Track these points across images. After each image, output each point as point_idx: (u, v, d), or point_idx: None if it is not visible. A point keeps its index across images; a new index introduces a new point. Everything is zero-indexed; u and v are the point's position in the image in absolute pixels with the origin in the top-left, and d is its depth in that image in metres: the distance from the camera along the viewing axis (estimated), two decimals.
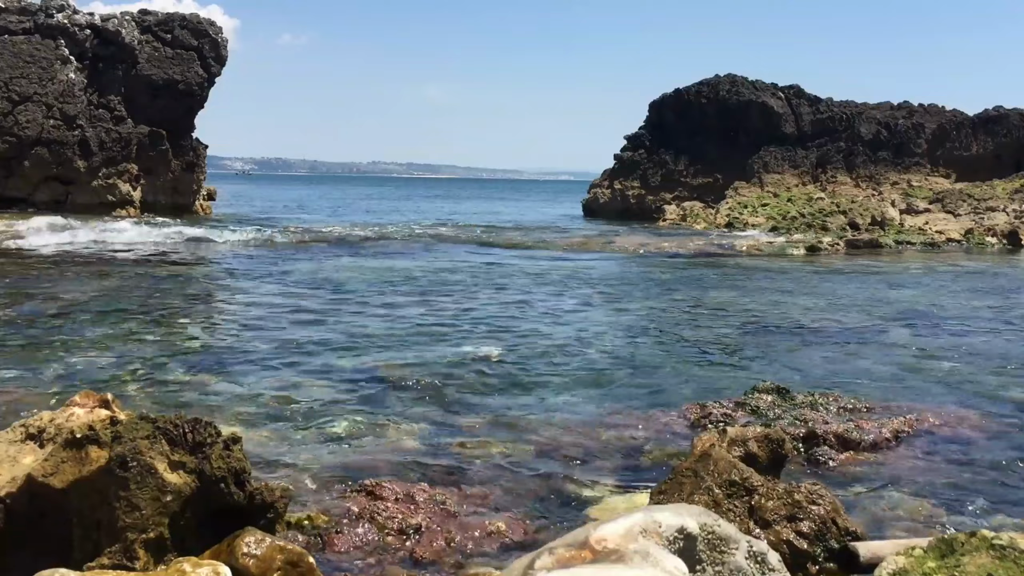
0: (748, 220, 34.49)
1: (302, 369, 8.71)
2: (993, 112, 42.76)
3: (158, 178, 33.38)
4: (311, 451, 6.14)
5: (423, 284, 16.13)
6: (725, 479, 4.27)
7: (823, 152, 41.79)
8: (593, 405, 7.56)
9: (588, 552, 2.97)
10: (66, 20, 31.30)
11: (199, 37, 34.49)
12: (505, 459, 6.09)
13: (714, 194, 40.54)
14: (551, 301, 14.15)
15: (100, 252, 20.50)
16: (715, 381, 8.53)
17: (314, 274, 17.39)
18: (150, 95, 32.86)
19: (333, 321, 11.70)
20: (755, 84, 43.20)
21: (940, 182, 40.38)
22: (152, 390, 7.73)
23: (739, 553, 3.29)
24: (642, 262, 21.66)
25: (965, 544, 3.33)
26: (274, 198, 66.79)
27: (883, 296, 15.45)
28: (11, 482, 3.73)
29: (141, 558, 3.45)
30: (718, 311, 13.36)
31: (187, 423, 3.76)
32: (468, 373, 8.65)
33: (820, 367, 9.32)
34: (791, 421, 6.90)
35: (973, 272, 20.36)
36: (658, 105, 44.36)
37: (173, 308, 12.69)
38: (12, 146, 29.32)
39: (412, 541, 4.67)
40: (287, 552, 3.49)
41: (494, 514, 5.07)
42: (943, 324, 12.41)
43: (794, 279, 18.08)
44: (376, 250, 23.55)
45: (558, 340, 10.62)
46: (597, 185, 45.33)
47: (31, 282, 14.80)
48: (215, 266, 18.93)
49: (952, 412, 7.48)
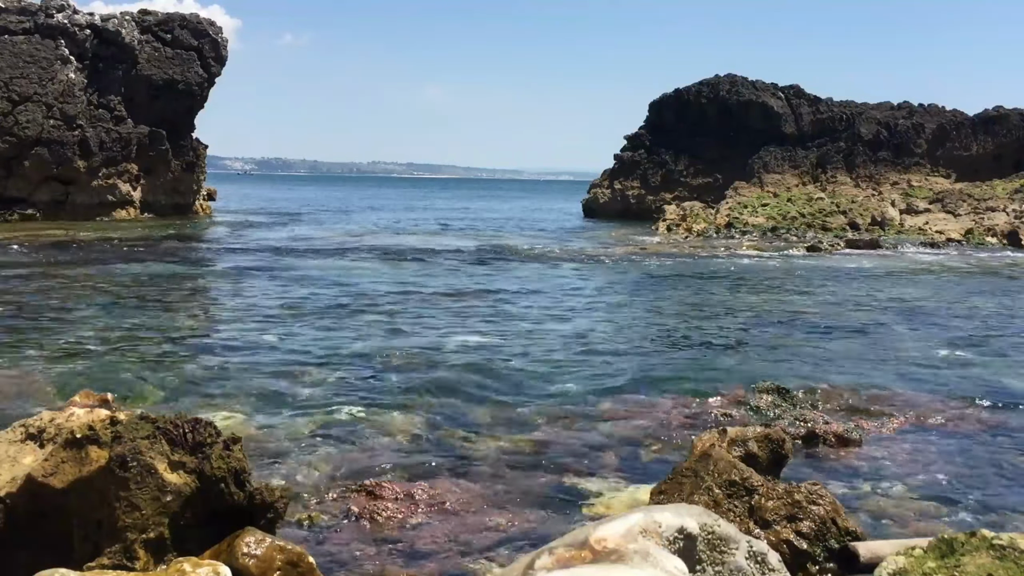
0: (748, 220, 34.47)
1: (303, 369, 8.70)
2: (993, 112, 42.74)
3: (158, 178, 33.37)
4: (312, 450, 6.13)
5: (423, 284, 16.14)
6: (725, 479, 4.27)
7: (823, 152, 41.78)
8: (593, 403, 7.56)
9: (588, 552, 2.97)
10: (66, 20, 31.29)
11: (199, 37, 34.49)
12: (505, 456, 6.09)
13: (714, 194, 40.53)
14: (551, 301, 14.15)
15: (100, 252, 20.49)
16: (715, 380, 8.52)
17: (319, 273, 17.39)
18: (150, 95, 32.86)
19: (333, 321, 11.70)
20: (755, 84, 43.19)
21: (940, 182, 40.36)
22: (152, 389, 7.72)
23: (739, 553, 3.29)
24: (642, 263, 21.66)
25: (965, 544, 3.32)
26: (286, 198, 66.81)
27: (883, 296, 15.44)
28: (11, 482, 3.73)
29: (141, 558, 3.44)
30: (718, 311, 13.36)
31: (187, 423, 3.76)
32: (469, 371, 8.65)
33: (820, 366, 9.32)
34: (791, 420, 6.90)
35: (973, 272, 20.36)
36: (658, 105, 44.36)
37: (173, 308, 12.68)
38: (12, 146, 29.30)
39: (411, 540, 4.67)
40: (287, 552, 3.49)
41: (494, 512, 5.07)
42: (943, 324, 12.41)
43: (794, 279, 18.08)
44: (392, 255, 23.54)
45: (558, 338, 10.62)
46: (597, 185, 45.33)
47: (31, 281, 14.80)
48: (216, 267, 18.92)
49: (952, 411, 7.48)
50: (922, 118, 42.83)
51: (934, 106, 44.01)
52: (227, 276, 16.97)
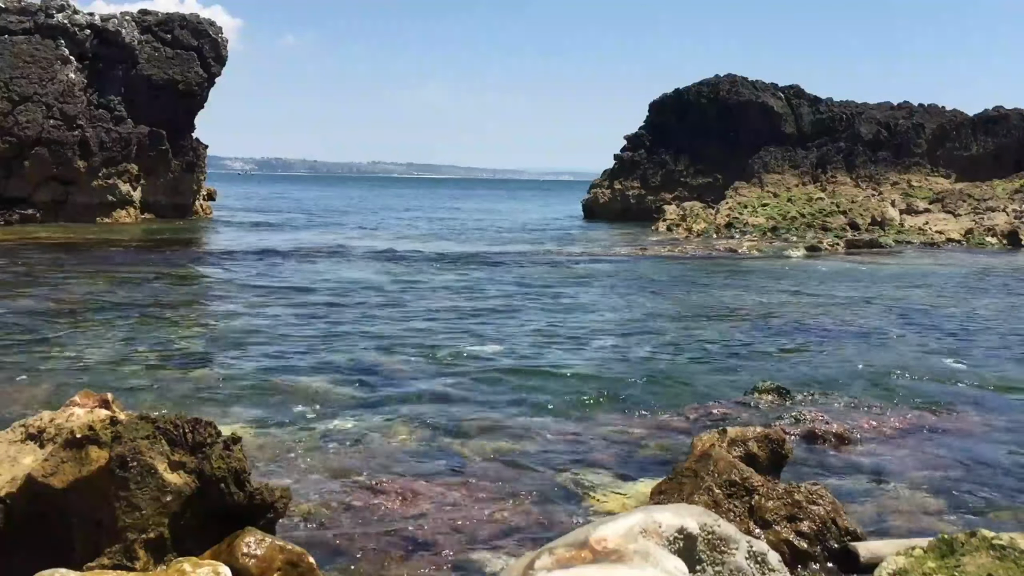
0: (748, 220, 34.44)
1: (303, 369, 8.71)
2: (993, 112, 42.73)
3: (158, 178, 33.34)
4: (312, 452, 6.13)
5: (423, 285, 16.14)
6: (725, 479, 4.27)
7: (823, 152, 41.77)
8: (593, 404, 7.55)
9: (588, 552, 2.97)
10: (66, 20, 31.26)
11: (199, 37, 34.47)
12: (505, 457, 6.09)
13: (714, 194, 40.51)
14: (551, 302, 14.15)
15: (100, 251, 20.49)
16: (715, 380, 8.53)
17: (315, 276, 17.40)
18: (150, 95, 32.83)
19: (333, 324, 11.70)
20: (755, 84, 43.18)
21: (940, 182, 40.35)
22: (152, 389, 7.72)
23: (739, 553, 3.29)
24: (642, 263, 21.66)
25: (965, 544, 3.33)
26: (286, 198, 66.78)
27: (883, 296, 15.44)
28: (11, 482, 3.73)
29: (141, 558, 3.44)
30: (718, 311, 13.36)
31: (187, 423, 3.76)
32: (468, 373, 8.65)
33: (820, 366, 9.32)
34: (791, 421, 6.91)
35: (973, 272, 20.36)
36: (658, 105, 44.34)
37: (173, 308, 12.69)
38: (12, 146, 29.27)
39: (412, 536, 4.67)
40: (287, 552, 3.49)
41: (494, 510, 5.07)
42: (943, 324, 12.41)
43: (794, 279, 18.08)
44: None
45: (557, 339, 10.62)
46: (597, 185, 45.31)
47: (30, 281, 14.80)
48: (216, 269, 18.92)
49: (952, 411, 7.48)
50: (922, 118, 42.82)
51: (934, 106, 44.00)
52: (227, 278, 16.97)
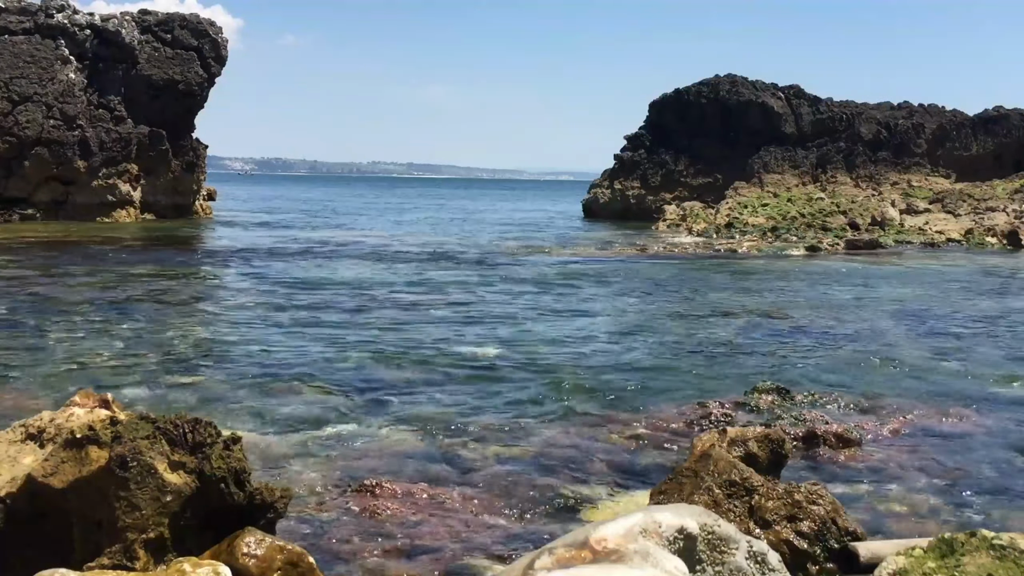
0: (748, 220, 34.44)
1: (303, 370, 8.70)
2: (993, 112, 42.75)
3: (158, 178, 33.35)
4: (313, 453, 6.13)
5: (423, 286, 16.14)
6: (725, 479, 4.27)
7: (823, 152, 41.78)
8: (593, 404, 7.55)
9: (588, 552, 2.97)
10: (66, 20, 31.27)
11: (199, 37, 34.47)
12: (505, 459, 6.09)
13: (714, 194, 40.52)
14: (550, 302, 14.15)
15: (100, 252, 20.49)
16: (715, 381, 8.52)
17: (307, 273, 17.39)
18: (150, 95, 32.83)
19: (333, 326, 11.70)
20: (755, 84, 43.18)
21: (940, 182, 40.36)
22: (152, 389, 7.72)
23: (739, 553, 3.29)
24: (641, 263, 21.65)
25: (965, 544, 3.32)
26: (286, 198, 66.77)
27: (883, 296, 15.44)
28: (11, 482, 3.73)
29: (141, 558, 3.44)
30: (718, 311, 13.35)
31: (187, 423, 3.75)
32: (468, 375, 8.65)
33: (820, 366, 9.32)
34: (791, 421, 6.90)
35: (973, 272, 20.36)
36: (658, 105, 44.33)
37: (171, 312, 12.69)
38: (12, 146, 29.28)
39: (412, 538, 4.67)
40: (287, 552, 3.49)
41: (494, 512, 5.07)
42: (943, 324, 12.41)
43: (794, 279, 18.08)
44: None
45: (557, 340, 10.62)
46: (597, 185, 45.31)
47: (30, 281, 14.80)
48: (216, 270, 18.92)
49: (952, 411, 7.48)
50: (922, 118, 42.84)
51: (934, 106, 44.01)
52: (227, 279, 16.97)
